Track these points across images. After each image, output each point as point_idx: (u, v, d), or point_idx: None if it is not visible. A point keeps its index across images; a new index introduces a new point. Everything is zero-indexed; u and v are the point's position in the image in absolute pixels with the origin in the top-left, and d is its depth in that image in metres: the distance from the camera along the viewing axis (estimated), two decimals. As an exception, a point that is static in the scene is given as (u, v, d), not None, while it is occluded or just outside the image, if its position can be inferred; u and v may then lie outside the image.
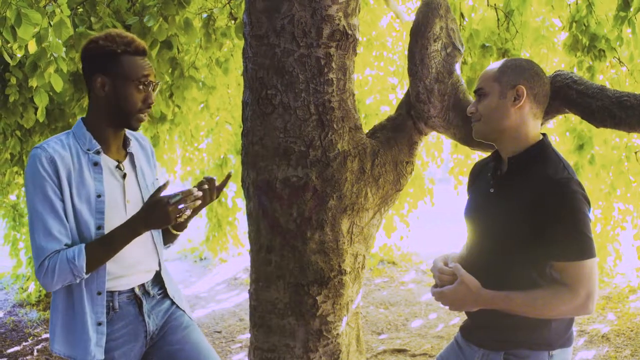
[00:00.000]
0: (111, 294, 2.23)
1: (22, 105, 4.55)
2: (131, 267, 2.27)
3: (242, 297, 7.37)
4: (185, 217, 2.17)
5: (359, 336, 2.70)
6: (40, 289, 7.02)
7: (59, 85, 3.39)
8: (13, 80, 4.24)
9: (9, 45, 3.64)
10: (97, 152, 2.21)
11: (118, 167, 2.27)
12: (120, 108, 2.21)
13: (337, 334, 2.53)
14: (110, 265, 2.20)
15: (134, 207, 2.23)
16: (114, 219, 2.18)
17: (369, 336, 5.76)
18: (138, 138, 2.46)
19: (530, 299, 1.90)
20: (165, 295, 2.42)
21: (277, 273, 2.50)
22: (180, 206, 2.12)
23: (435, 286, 2.08)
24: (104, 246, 2.13)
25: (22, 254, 7.14)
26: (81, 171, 2.17)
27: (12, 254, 7.15)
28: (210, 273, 8.84)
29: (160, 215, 2.11)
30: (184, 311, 2.44)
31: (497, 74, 2.02)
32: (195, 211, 2.34)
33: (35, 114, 4.36)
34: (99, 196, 2.18)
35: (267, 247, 2.51)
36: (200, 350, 2.39)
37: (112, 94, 2.20)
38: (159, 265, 2.40)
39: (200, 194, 2.16)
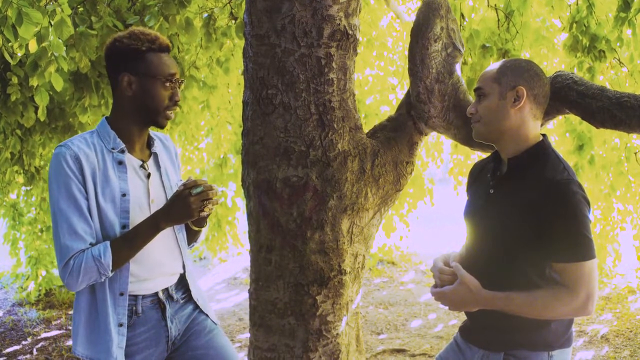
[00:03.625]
0: (134, 297, 2.21)
1: (22, 104, 4.54)
2: (155, 268, 2.25)
3: (241, 297, 7.37)
4: (209, 210, 2.16)
5: (358, 336, 2.70)
6: (40, 288, 7.02)
7: (59, 84, 3.39)
8: (15, 80, 4.24)
9: (9, 44, 3.64)
10: (122, 151, 2.20)
11: (142, 166, 2.26)
12: (147, 106, 2.20)
13: (337, 334, 2.53)
14: (134, 267, 2.19)
15: (158, 207, 2.22)
16: (138, 219, 2.17)
17: (368, 336, 5.76)
18: (162, 138, 2.45)
19: (530, 299, 1.90)
20: (188, 299, 2.40)
21: (277, 273, 2.50)
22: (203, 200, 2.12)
23: (435, 286, 2.08)
24: (128, 242, 2.12)
25: (22, 253, 7.13)
26: (106, 170, 2.15)
27: (12, 253, 7.15)
28: (209, 273, 8.84)
29: (182, 208, 2.11)
30: (207, 315, 2.43)
31: (496, 75, 2.02)
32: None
33: (36, 113, 4.36)
34: (124, 195, 2.16)
35: (267, 247, 2.52)
36: (224, 355, 2.38)
37: (139, 93, 2.19)
38: (183, 267, 2.39)
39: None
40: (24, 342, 5.72)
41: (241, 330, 6.01)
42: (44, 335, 5.90)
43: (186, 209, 2.11)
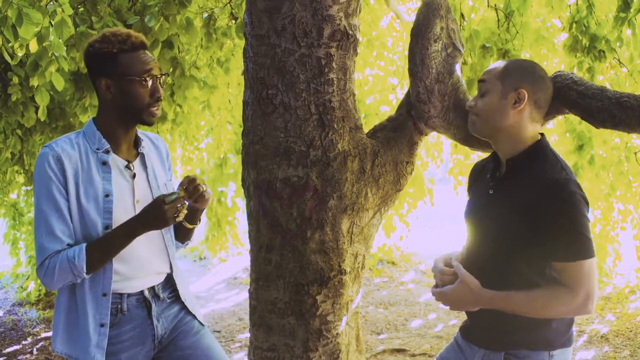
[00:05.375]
0: (120, 296, 2.22)
1: (22, 104, 4.55)
2: (140, 268, 2.26)
3: (241, 297, 7.38)
4: (183, 215, 2.16)
5: (358, 336, 2.70)
6: (40, 288, 7.03)
7: (60, 84, 3.40)
8: (15, 80, 4.25)
9: (10, 44, 3.64)
10: (106, 152, 2.21)
11: (127, 166, 2.26)
12: (128, 107, 2.20)
13: (337, 334, 2.54)
14: (119, 266, 2.20)
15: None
16: (122, 219, 2.17)
17: (368, 336, 5.76)
18: (152, 138, 2.45)
19: (530, 299, 1.90)
20: (175, 299, 2.40)
21: (277, 273, 2.50)
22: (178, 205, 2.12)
23: (436, 286, 2.08)
24: (104, 247, 2.12)
25: (22, 253, 7.14)
26: (89, 170, 2.16)
27: (12, 253, 7.15)
28: (209, 272, 8.84)
29: (157, 216, 2.11)
30: (194, 316, 2.43)
31: (501, 73, 2.02)
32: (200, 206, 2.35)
33: (36, 113, 4.37)
34: (107, 196, 2.17)
35: (267, 247, 2.52)
36: (211, 356, 2.38)
37: (118, 95, 2.19)
38: (170, 267, 2.39)
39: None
40: (24, 342, 5.72)
41: (241, 330, 6.01)
42: (44, 335, 5.90)
43: (161, 216, 2.11)
